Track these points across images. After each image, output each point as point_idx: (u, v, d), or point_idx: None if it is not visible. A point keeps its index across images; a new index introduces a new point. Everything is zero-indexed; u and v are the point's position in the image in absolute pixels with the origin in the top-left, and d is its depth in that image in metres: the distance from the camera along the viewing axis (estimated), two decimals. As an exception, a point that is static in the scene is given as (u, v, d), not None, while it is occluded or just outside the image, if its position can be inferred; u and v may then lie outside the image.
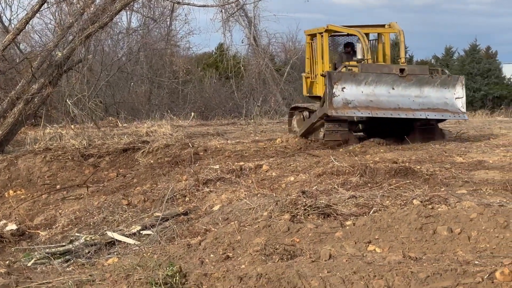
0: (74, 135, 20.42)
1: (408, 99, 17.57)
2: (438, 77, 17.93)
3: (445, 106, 17.69)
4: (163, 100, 40.08)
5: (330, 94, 17.05)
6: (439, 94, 17.74)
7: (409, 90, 17.63)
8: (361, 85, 17.38)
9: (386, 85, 17.55)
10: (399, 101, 17.53)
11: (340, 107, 17.18)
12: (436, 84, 17.74)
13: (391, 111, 17.38)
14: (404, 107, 17.48)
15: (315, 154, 15.64)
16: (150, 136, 20.45)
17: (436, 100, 17.69)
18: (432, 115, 17.77)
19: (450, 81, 17.89)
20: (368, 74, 17.55)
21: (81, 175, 16.34)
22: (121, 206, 12.27)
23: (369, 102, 17.35)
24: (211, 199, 11.81)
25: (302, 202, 9.63)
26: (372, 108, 17.27)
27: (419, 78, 17.71)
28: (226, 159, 15.90)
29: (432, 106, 17.64)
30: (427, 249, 7.40)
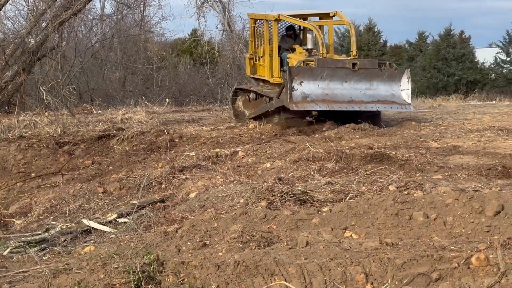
0: (48, 122, 20.29)
1: (359, 92, 18.36)
2: (386, 70, 18.73)
3: (393, 98, 18.48)
4: (138, 87, 39.92)
5: (290, 88, 17.69)
6: (386, 86, 18.51)
7: (360, 83, 18.38)
8: (317, 79, 18.10)
9: (340, 79, 18.29)
10: (351, 94, 18.32)
11: (300, 101, 17.91)
12: (384, 77, 18.52)
13: (345, 104, 18.23)
14: (357, 100, 18.32)
15: (291, 140, 15.65)
16: (125, 123, 20.36)
17: (384, 92, 18.49)
18: (382, 107, 18.66)
19: (396, 74, 18.68)
20: (324, 69, 18.24)
21: (56, 163, 16.26)
22: (97, 194, 12.22)
23: (325, 95, 18.12)
24: (187, 186, 11.79)
25: (278, 188, 9.65)
26: (328, 102, 18.06)
27: (369, 71, 18.46)
28: (201, 145, 15.88)
29: (381, 98, 18.45)
30: (404, 235, 7.44)
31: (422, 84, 61.43)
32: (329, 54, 20.01)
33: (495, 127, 17.61)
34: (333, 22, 21.36)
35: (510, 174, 11.18)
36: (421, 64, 62.69)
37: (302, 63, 18.77)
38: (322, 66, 18.50)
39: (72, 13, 18.83)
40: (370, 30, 64.51)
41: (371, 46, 62.42)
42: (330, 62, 18.96)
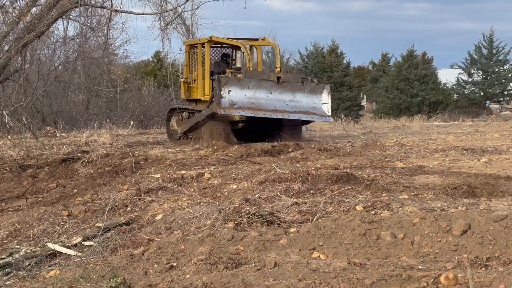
0: (11, 145, 20.09)
1: (283, 103, 20.34)
2: (308, 84, 20.79)
3: (314, 110, 20.49)
4: (102, 109, 39.74)
5: (218, 96, 19.62)
6: (308, 99, 20.53)
7: (284, 95, 20.40)
8: (244, 89, 20.04)
9: (265, 90, 20.27)
10: (275, 104, 20.29)
11: (227, 107, 19.85)
12: (306, 91, 20.56)
13: (269, 112, 20.18)
14: (280, 109, 20.30)
15: (257, 161, 15.64)
16: (90, 146, 20.24)
17: (306, 104, 20.50)
18: (303, 116, 20.60)
19: (317, 89, 20.75)
20: (250, 80, 20.22)
21: (20, 186, 16.08)
22: (62, 217, 12.09)
23: (251, 104, 20.06)
24: (153, 208, 11.72)
25: (245, 210, 9.61)
26: (254, 109, 20.02)
27: (292, 85, 20.53)
28: (167, 167, 15.82)
29: (302, 110, 20.46)
30: (372, 255, 7.43)
31: (385, 105, 61.88)
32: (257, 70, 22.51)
33: (459, 146, 17.77)
34: (261, 43, 23.62)
35: (476, 193, 11.27)
36: (384, 85, 63.11)
37: (231, 74, 20.85)
38: (249, 77, 20.40)
39: (35, 35, 18.70)
40: (333, 52, 64.75)
41: (334, 67, 62.68)
42: (257, 75, 21.06)
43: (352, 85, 63.80)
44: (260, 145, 18.65)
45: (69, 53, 38.83)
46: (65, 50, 38.86)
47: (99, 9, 31.78)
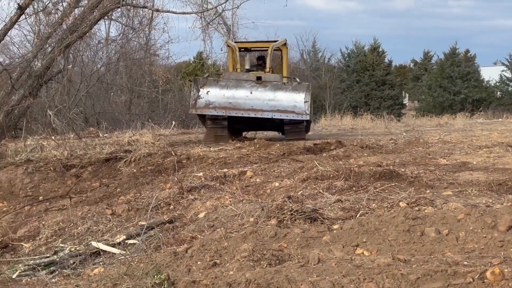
0: (55, 146, 20.28)
1: (262, 102, 20.87)
2: (289, 84, 21.28)
3: (293, 108, 20.69)
4: (144, 110, 39.97)
5: (195, 96, 21.10)
6: (290, 98, 20.80)
7: (264, 94, 20.90)
8: (223, 89, 21.04)
9: (245, 90, 20.96)
10: (254, 103, 20.91)
11: (202, 107, 21.21)
12: (288, 90, 20.92)
13: (243, 111, 20.95)
14: (257, 108, 20.88)
15: (299, 159, 15.60)
16: (132, 146, 20.34)
17: (286, 103, 20.76)
18: (278, 115, 20.92)
19: (300, 87, 20.99)
20: (229, 80, 21.26)
21: (64, 186, 16.20)
22: (105, 216, 12.16)
23: (228, 103, 20.99)
24: (196, 206, 11.73)
25: (288, 207, 9.58)
26: (229, 109, 20.98)
27: (273, 84, 20.99)
28: (209, 166, 15.84)
29: (282, 108, 20.75)
30: (416, 251, 7.36)
31: (427, 103, 61.51)
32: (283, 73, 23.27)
33: (503, 143, 17.56)
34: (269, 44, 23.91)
35: (521, 189, 11.12)
36: (426, 83, 62.76)
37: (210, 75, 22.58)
38: (228, 78, 21.55)
39: (78, 36, 18.82)
40: (375, 50, 64.65)
41: (376, 66, 62.53)
42: (236, 75, 21.86)
43: (394, 84, 63.60)
44: (302, 143, 18.62)
45: (111, 54, 39.16)
46: (107, 51, 39.19)
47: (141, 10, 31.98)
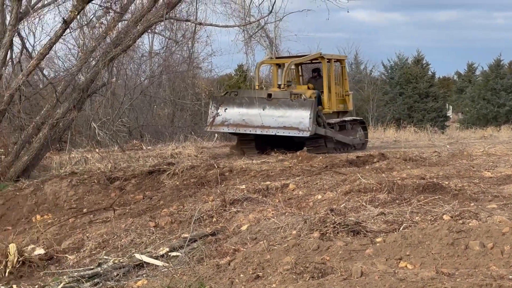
0: (99, 158, 20.47)
1: (272, 119, 21.44)
2: (297, 100, 21.51)
3: (298, 125, 21.14)
4: (187, 122, 40.11)
5: (214, 114, 22.25)
6: (297, 114, 21.19)
7: (275, 111, 21.42)
8: (238, 107, 21.91)
9: (258, 107, 21.55)
10: (264, 120, 21.47)
11: (218, 124, 22.28)
12: (295, 106, 21.30)
13: (251, 128, 21.79)
14: (266, 125, 21.54)
15: (342, 172, 15.55)
16: (175, 158, 20.48)
17: (294, 119, 21.25)
18: (281, 131, 21.46)
19: (306, 104, 21.30)
20: (243, 98, 22.07)
21: (108, 198, 16.32)
22: (148, 228, 12.22)
23: (241, 121, 21.85)
24: (239, 219, 11.74)
25: (331, 220, 9.57)
26: (241, 126, 21.88)
27: (282, 101, 21.48)
28: (252, 179, 15.86)
29: (288, 125, 21.28)
30: (460, 265, 7.31)
31: (471, 115, 61.03)
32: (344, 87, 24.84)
33: (549, 155, 17.37)
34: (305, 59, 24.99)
35: None
36: (470, 95, 62.30)
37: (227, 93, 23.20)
38: (242, 95, 22.38)
39: (122, 49, 18.95)
40: (419, 62, 64.30)
41: (419, 78, 62.18)
42: (250, 93, 22.80)
43: (438, 96, 63.18)
44: (344, 156, 18.59)
45: (155, 67, 39.39)
46: (151, 64, 39.42)
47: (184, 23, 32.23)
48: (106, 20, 19.42)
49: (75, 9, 18.12)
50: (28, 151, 18.88)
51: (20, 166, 18.72)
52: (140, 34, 19.58)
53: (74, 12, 18.15)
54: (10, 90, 17.83)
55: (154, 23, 19.40)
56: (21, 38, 20.32)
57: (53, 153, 22.79)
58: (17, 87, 18.09)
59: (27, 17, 18.86)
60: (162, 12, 18.49)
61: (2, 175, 18.49)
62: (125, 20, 19.60)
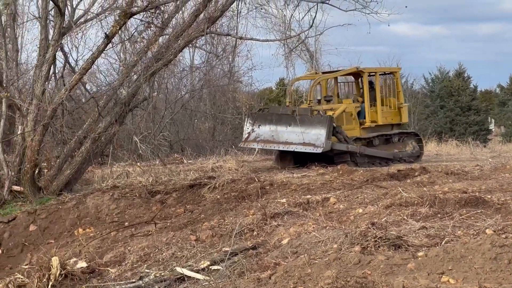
0: (141, 172, 20.61)
1: (295, 135, 21.92)
2: (316, 116, 22.02)
3: (315, 141, 21.59)
4: (227, 136, 40.25)
5: (249, 130, 22.91)
6: (316, 130, 21.61)
7: (298, 127, 21.66)
8: (269, 124, 22.55)
9: (285, 123, 22.23)
10: (288, 136, 22.14)
11: (251, 140, 22.95)
12: (314, 122, 21.75)
13: (275, 144, 22.47)
14: (288, 142, 22.15)
15: (383, 185, 15.49)
16: (216, 172, 20.55)
17: (313, 135, 21.69)
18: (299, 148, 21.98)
19: (323, 120, 21.72)
20: (272, 114, 22.83)
21: (149, 212, 16.41)
22: (190, 242, 12.25)
23: (270, 137, 22.48)
24: (279, 233, 11.73)
25: (372, 233, 9.52)
26: (269, 142, 22.55)
27: (303, 117, 21.68)
28: (292, 192, 15.85)
29: (307, 141, 21.68)
30: (503, 279, 7.23)
31: (515, 128, 60.54)
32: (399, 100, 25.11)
33: None
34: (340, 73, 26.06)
35: None
36: (513, 109, 61.85)
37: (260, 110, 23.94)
38: (272, 112, 23.14)
39: (163, 64, 19.08)
40: (460, 76, 63.93)
41: (461, 91, 61.82)
42: (277, 109, 23.66)
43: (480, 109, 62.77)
44: (385, 169, 18.51)
45: (195, 81, 39.59)
46: (192, 78, 39.62)
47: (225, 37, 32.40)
48: (147, 35, 19.56)
49: (117, 24, 18.28)
50: (70, 165, 19.05)
51: (62, 180, 18.90)
52: (181, 49, 19.69)
53: (116, 27, 18.31)
54: (53, 105, 18.01)
55: (195, 37, 19.51)
56: (64, 53, 20.52)
57: (95, 167, 22.99)
58: (60, 102, 18.27)
59: (70, 32, 19.04)
60: (203, 27, 18.59)
61: (45, 188, 18.68)
62: (166, 35, 19.73)
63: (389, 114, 24.92)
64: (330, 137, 21.70)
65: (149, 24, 19.25)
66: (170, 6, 19.49)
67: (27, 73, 27.87)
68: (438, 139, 41.03)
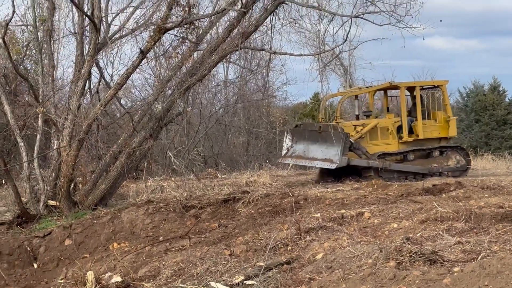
0: (175, 187, 20.67)
1: (320, 151, 22.31)
2: (336, 133, 22.00)
3: (334, 157, 21.89)
4: (261, 151, 40.28)
5: (288, 146, 23.39)
6: (336, 147, 21.83)
7: (323, 143, 22.21)
8: (303, 140, 22.94)
9: (313, 139, 22.56)
10: (315, 152, 22.46)
11: (287, 156, 23.37)
12: (335, 139, 21.83)
13: (303, 160, 22.92)
14: (314, 157, 22.52)
15: (418, 200, 15.40)
16: (250, 186, 20.57)
17: (332, 151, 21.97)
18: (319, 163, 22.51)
19: (341, 137, 21.89)
20: (304, 131, 23.15)
21: (183, 227, 16.44)
22: (224, 257, 12.25)
23: (303, 152, 22.88)
24: (314, 247, 11.70)
25: (407, 249, 9.47)
26: (300, 158, 22.98)
27: (327, 134, 21.90)
28: (327, 207, 15.81)
29: (328, 157, 22.05)
30: (540, 295, 7.16)
31: (552, 141, 60.06)
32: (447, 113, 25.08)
33: None
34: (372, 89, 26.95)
35: None
36: (549, 122, 61.37)
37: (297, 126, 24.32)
38: (304, 128, 23.48)
39: (197, 79, 19.16)
40: (495, 90, 63.49)
41: (496, 105, 61.40)
42: (308, 126, 24.08)
43: (515, 123, 62.22)
44: (420, 184, 18.41)
45: (229, 96, 39.69)
46: (226, 93, 39.73)
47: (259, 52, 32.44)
48: (182, 50, 19.66)
49: (151, 39, 18.39)
50: (105, 180, 19.16)
51: (97, 195, 19.01)
52: (216, 64, 19.76)
53: (151, 42, 18.43)
54: (88, 120, 18.14)
55: (229, 52, 19.57)
56: (99, 68, 20.70)
57: (130, 182, 23.10)
58: (95, 117, 18.39)
59: (105, 47, 19.19)
60: (237, 42, 18.64)
61: (80, 203, 18.81)
62: (201, 50, 19.82)
63: (435, 127, 24.78)
64: (345, 153, 21.92)
65: (183, 39, 19.36)
66: (204, 22, 19.60)
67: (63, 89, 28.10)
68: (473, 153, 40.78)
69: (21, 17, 28.07)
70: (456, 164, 24.36)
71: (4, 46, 19.77)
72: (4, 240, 16.76)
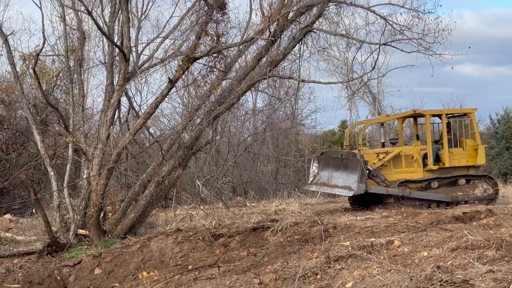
0: (204, 215, 20.69)
1: (342, 179, 22.29)
2: (356, 160, 22.04)
3: (352, 184, 21.84)
4: (290, 179, 40.25)
5: (315, 173, 23.42)
6: (354, 174, 21.80)
7: (345, 171, 22.28)
8: (328, 167, 23.01)
9: (336, 167, 22.67)
10: (337, 180, 22.46)
11: (313, 183, 23.42)
12: (352, 166, 21.99)
13: (326, 187, 22.95)
14: (336, 185, 22.48)
15: (448, 228, 15.29)
16: (279, 215, 20.53)
17: (352, 179, 21.88)
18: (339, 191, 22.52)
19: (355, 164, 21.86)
20: (328, 158, 23.21)
21: (212, 255, 16.44)
22: (253, 285, 12.22)
23: (327, 179, 22.88)
24: (343, 276, 11.64)
25: (437, 277, 9.40)
26: (323, 185, 23.00)
27: (348, 161, 22.19)
28: (356, 235, 15.74)
29: (347, 184, 22.03)
30: None
31: None
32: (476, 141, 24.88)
33: None
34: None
35: None
36: None
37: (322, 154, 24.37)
38: (328, 155, 23.50)
39: (226, 107, 19.25)
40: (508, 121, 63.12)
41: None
42: (331, 153, 24.06)
43: (547, 150, 61.80)
44: (450, 212, 18.30)
45: (258, 124, 39.77)
46: (254, 121, 39.82)
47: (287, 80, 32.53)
48: (210, 79, 19.78)
49: (180, 68, 18.52)
50: (134, 209, 19.22)
51: (127, 223, 19.08)
52: (244, 92, 19.86)
53: (180, 71, 18.55)
54: (117, 149, 18.24)
55: (258, 81, 19.66)
56: (128, 97, 20.86)
57: (159, 210, 23.17)
58: (124, 146, 18.50)
59: (134, 77, 19.33)
60: (266, 70, 18.73)
61: (109, 232, 18.87)
62: (229, 79, 19.93)
63: (463, 155, 24.60)
64: (363, 181, 21.88)
65: (212, 68, 19.48)
66: (233, 51, 19.70)
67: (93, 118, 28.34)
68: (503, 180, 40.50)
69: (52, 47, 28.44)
70: (483, 193, 24.16)
71: (34, 76, 20.01)
72: (34, 269, 16.85)
